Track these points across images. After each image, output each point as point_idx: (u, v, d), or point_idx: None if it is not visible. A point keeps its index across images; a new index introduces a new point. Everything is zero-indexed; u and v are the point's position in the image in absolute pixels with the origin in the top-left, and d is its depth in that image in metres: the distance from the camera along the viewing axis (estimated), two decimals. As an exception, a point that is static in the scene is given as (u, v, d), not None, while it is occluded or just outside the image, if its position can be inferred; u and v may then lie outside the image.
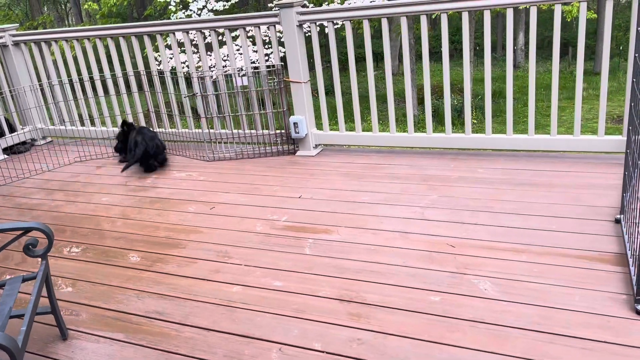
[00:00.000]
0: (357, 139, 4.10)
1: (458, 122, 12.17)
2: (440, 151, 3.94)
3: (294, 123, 4.05)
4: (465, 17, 3.46)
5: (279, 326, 2.13)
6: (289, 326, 2.13)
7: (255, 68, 4.19)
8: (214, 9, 13.00)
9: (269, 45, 9.63)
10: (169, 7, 13.49)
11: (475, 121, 13.40)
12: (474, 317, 2.06)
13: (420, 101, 15.53)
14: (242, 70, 4.16)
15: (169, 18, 13.55)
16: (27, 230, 2.02)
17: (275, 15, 3.89)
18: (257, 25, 4.06)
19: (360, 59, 3.93)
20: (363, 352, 1.94)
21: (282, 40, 3.98)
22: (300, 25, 3.86)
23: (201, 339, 2.11)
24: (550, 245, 2.49)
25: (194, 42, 6.13)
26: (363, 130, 4.09)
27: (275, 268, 2.56)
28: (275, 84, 4.06)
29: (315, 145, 4.18)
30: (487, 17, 3.40)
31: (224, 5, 13.14)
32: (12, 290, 1.91)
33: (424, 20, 3.57)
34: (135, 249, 2.90)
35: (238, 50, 9.97)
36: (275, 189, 3.51)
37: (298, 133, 4.07)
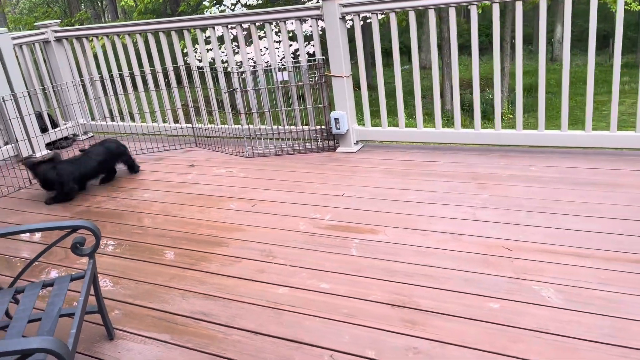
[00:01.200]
0: (401, 135, 3.97)
1: (493, 117, 11.84)
2: (487, 148, 3.77)
3: (335, 119, 3.95)
4: (518, 7, 3.30)
5: (329, 331, 2.05)
6: (339, 331, 2.04)
7: (296, 62, 4.10)
8: (247, 3, 12.99)
9: (306, 39, 9.53)
10: (204, 2, 13.55)
11: (511, 116, 12.98)
12: (538, 326, 1.93)
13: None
14: (281, 63, 4.08)
15: (203, 14, 13.61)
16: (75, 229, 1.98)
17: (317, 8, 3.79)
18: (299, 19, 3.97)
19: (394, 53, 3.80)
20: (420, 361, 1.84)
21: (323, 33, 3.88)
22: (342, 18, 3.76)
23: (249, 343, 2.04)
24: (617, 250, 2.33)
25: (232, 37, 6.08)
26: (405, 126, 3.96)
27: (321, 269, 2.47)
28: (316, 78, 3.97)
29: (356, 141, 4.07)
30: (543, 4, 3.23)
31: (257, 0, 13.11)
32: (61, 290, 1.88)
33: (474, 11, 3.42)
34: (178, 246, 2.85)
35: (276, 45, 9.91)
36: (317, 186, 3.42)
37: (339, 129, 3.97)
